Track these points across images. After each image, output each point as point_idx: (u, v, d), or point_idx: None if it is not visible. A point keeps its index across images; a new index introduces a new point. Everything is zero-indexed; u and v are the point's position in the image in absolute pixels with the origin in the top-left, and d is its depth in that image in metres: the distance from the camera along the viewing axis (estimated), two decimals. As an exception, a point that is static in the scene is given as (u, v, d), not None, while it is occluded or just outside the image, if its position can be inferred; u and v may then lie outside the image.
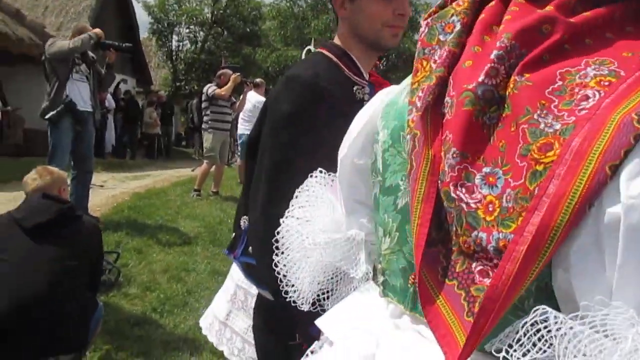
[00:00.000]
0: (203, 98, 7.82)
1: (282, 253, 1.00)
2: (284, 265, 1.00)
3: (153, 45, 21.34)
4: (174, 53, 19.70)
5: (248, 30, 19.59)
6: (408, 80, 0.79)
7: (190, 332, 3.27)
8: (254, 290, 1.76)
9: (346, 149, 0.90)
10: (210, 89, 7.54)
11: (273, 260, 1.00)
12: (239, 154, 9.39)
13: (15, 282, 2.38)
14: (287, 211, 1.01)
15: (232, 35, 19.46)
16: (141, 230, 5.14)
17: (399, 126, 0.78)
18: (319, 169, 1.00)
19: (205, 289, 3.97)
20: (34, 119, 11.53)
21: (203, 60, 18.86)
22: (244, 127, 8.78)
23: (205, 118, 7.61)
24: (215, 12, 19.31)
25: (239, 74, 7.60)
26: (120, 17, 16.51)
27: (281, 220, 1.01)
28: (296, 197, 1.02)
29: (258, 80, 8.93)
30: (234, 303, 2.02)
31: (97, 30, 5.05)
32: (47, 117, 5.11)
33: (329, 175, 1.00)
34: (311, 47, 4.61)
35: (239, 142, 9.00)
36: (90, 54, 5.19)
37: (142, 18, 26.73)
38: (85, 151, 5.27)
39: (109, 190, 7.43)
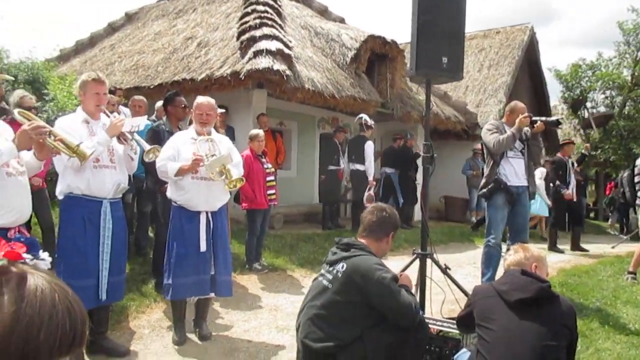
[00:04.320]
0: (636, 172, 7.05)
1: None
2: None
3: (560, 113, 20.90)
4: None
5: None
6: None
7: None
8: None
9: None
10: (644, 161, 6.78)
11: None
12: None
13: (502, 353, 2.53)
14: None
15: (660, 96, 17.33)
16: (579, 312, 4.86)
17: None
18: None
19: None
20: (452, 187, 12.75)
21: (621, 127, 17.29)
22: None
23: (639, 193, 6.83)
24: (636, 74, 17.59)
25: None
26: (533, 88, 16.85)
27: None
28: None
29: None
30: None
31: (522, 121, 5.10)
32: (480, 193, 5.50)
33: None
34: None
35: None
36: (525, 128, 5.29)
37: (552, 86, 26.54)
38: (521, 224, 5.40)
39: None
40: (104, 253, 3.62)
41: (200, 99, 4.29)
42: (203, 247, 4.03)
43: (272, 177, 6.60)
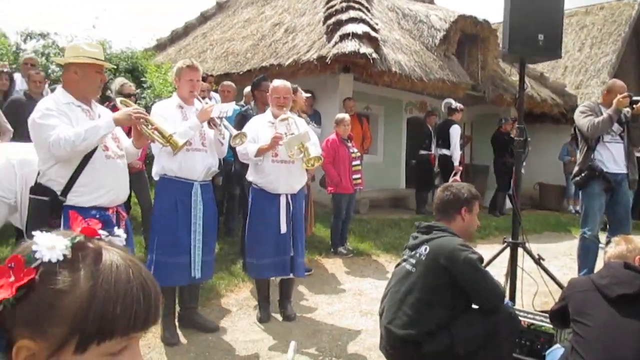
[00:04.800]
0: None
1: None
2: None
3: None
4: None
5: None
6: None
7: None
8: None
9: None
10: None
11: None
12: None
13: (600, 352, 2.35)
14: None
15: None
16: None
17: None
18: None
19: None
20: (548, 173, 12.08)
21: None
22: None
23: None
24: None
25: None
26: (641, 68, 15.54)
27: None
28: None
29: None
30: None
31: (620, 102, 4.64)
32: (574, 181, 5.14)
33: None
34: None
35: None
36: (624, 109, 4.85)
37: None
38: (621, 214, 5.01)
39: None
40: (196, 233, 3.77)
41: (277, 83, 4.37)
42: (283, 228, 4.13)
43: (357, 162, 6.57)
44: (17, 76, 6.74)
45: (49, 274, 0.76)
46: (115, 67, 8.12)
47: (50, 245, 0.76)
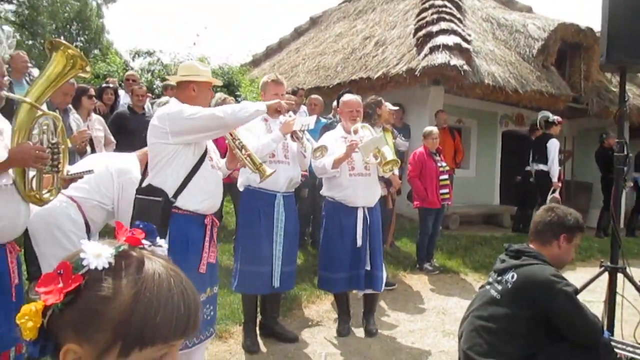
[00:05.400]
0: None
1: None
2: None
3: None
4: None
5: None
6: None
7: None
8: None
9: None
10: None
11: None
12: None
13: None
14: None
15: None
16: None
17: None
18: None
19: None
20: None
21: None
22: None
23: None
24: None
25: None
26: None
27: None
28: None
29: None
30: None
31: None
32: None
33: None
34: None
35: None
36: None
37: None
38: None
39: None
40: (277, 243, 3.84)
41: (348, 97, 4.41)
42: (359, 242, 4.12)
43: (445, 176, 6.39)
44: (121, 92, 7.28)
45: (95, 280, 0.79)
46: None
47: (96, 253, 0.80)
